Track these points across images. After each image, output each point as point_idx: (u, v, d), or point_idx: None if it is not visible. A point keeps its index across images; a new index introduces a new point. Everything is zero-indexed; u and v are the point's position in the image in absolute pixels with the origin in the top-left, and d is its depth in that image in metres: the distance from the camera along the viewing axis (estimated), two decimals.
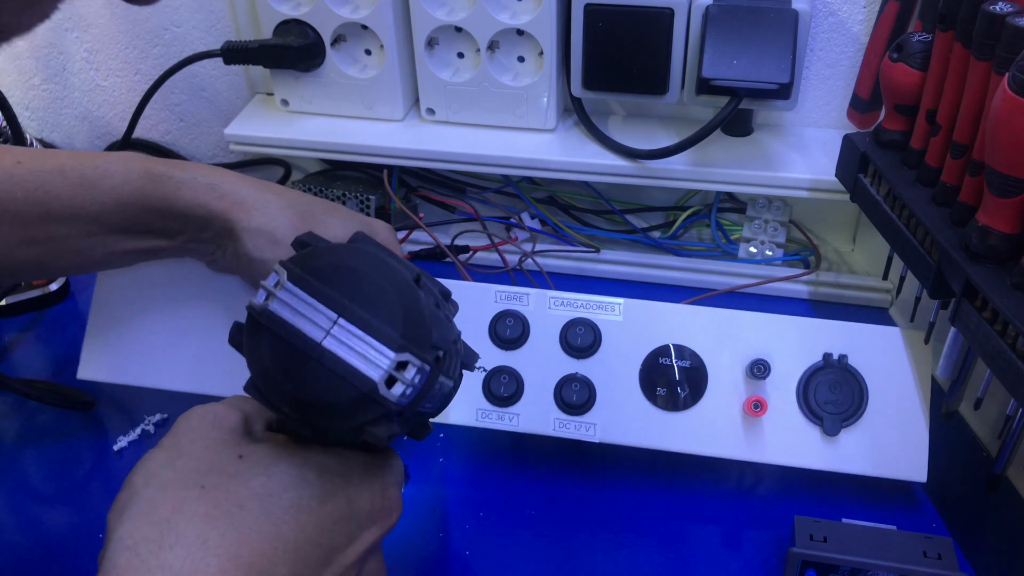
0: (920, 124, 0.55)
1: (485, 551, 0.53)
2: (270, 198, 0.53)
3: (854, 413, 0.55)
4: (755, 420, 0.55)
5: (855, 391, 0.55)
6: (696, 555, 0.53)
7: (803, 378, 0.55)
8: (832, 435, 0.55)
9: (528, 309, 0.58)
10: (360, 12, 0.70)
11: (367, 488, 0.40)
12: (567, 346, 0.57)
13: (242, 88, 0.83)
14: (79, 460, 0.60)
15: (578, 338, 0.57)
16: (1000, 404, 0.57)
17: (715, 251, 0.76)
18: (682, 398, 0.56)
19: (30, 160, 0.52)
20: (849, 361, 0.55)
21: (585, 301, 0.58)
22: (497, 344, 0.58)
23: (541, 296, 0.58)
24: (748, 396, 0.55)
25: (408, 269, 0.36)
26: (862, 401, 0.55)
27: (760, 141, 0.72)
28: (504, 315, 0.58)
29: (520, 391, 0.57)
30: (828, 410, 0.55)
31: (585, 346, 0.57)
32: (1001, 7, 0.45)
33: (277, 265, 0.36)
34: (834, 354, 0.55)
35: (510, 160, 0.71)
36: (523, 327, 0.58)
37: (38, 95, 0.88)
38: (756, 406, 0.54)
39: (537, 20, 0.67)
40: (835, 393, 0.55)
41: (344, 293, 0.35)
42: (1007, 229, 0.46)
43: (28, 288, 0.74)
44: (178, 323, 0.60)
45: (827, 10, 0.68)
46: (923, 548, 0.49)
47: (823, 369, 0.55)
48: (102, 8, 0.82)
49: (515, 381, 0.57)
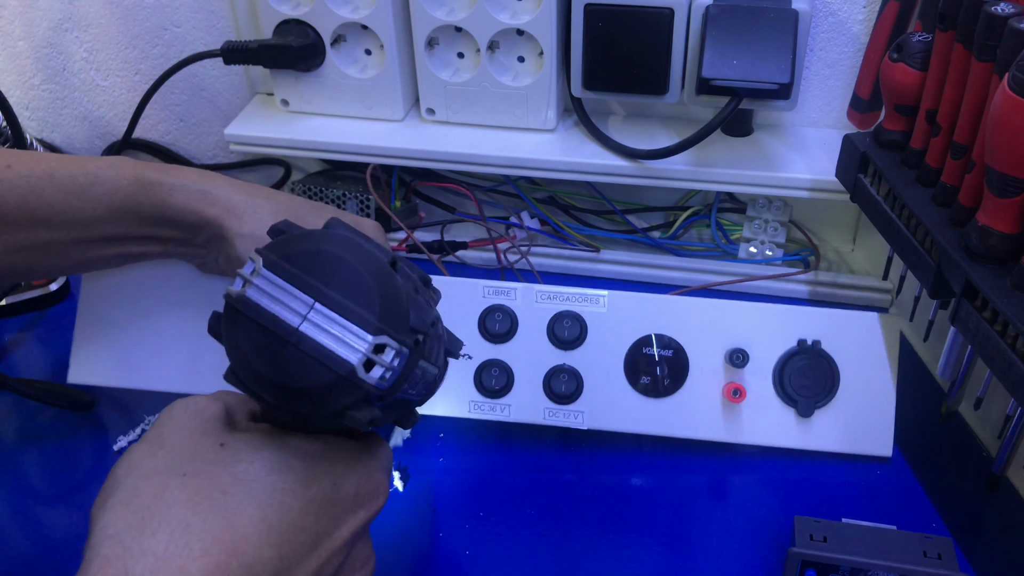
0: (920, 124, 0.55)
1: (485, 551, 0.53)
2: (260, 202, 0.53)
3: (827, 395, 0.58)
4: (734, 405, 0.58)
5: (827, 374, 0.58)
6: (696, 555, 0.53)
7: (779, 363, 0.58)
8: (806, 417, 0.58)
9: (516, 303, 0.60)
10: (360, 12, 0.70)
11: (352, 472, 0.40)
12: (554, 338, 0.59)
13: (242, 88, 0.83)
14: (79, 460, 0.60)
15: (564, 331, 0.59)
16: (1000, 404, 0.57)
17: (715, 251, 0.76)
18: (665, 385, 0.58)
19: (20, 164, 0.51)
20: (822, 346, 0.58)
21: (571, 294, 0.60)
22: (487, 338, 0.59)
23: (528, 290, 0.60)
24: (727, 382, 0.58)
25: (384, 253, 0.36)
26: (834, 384, 0.58)
27: (760, 141, 0.72)
28: (492, 310, 0.60)
29: (510, 383, 0.59)
30: (803, 393, 0.58)
31: (572, 338, 0.59)
32: (1002, 8, 0.45)
33: (253, 252, 0.36)
34: (808, 339, 0.58)
35: (510, 160, 0.71)
36: (511, 321, 0.59)
37: (38, 95, 0.88)
38: (735, 392, 0.57)
39: (537, 20, 0.67)
40: (809, 377, 0.58)
41: (319, 278, 0.35)
42: (1007, 229, 0.46)
43: (28, 288, 0.74)
44: (166, 324, 0.61)
45: (827, 10, 0.68)
46: (923, 548, 0.49)
47: (798, 354, 0.58)
48: (102, 8, 0.82)
49: (505, 374, 0.59)
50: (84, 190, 0.51)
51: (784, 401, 0.58)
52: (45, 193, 0.51)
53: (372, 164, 0.73)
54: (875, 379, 0.58)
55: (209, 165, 0.89)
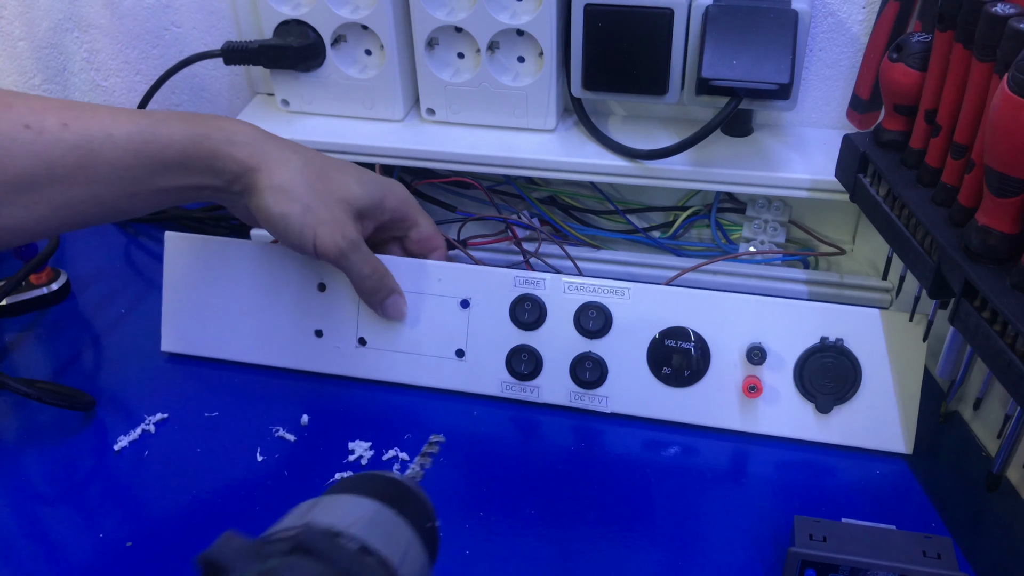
0: (920, 124, 0.55)
1: (485, 551, 0.53)
2: (289, 156, 0.58)
3: (848, 392, 0.58)
4: (752, 400, 0.60)
5: (849, 372, 0.58)
6: (696, 555, 0.53)
7: (800, 359, 0.59)
8: (825, 412, 0.59)
9: (544, 293, 0.62)
10: (360, 12, 0.70)
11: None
12: (580, 328, 0.61)
13: (243, 88, 0.83)
14: (79, 460, 0.61)
15: (590, 321, 0.61)
16: (999, 404, 0.57)
17: (715, 251, 0.76)
18: (685, 376, 0.60)
19: (75, 121, 0.53)
20: (845, 343, 0.58)
21: (597, 286, 0.62)
22: (517, 325, 0.63)
23: (556, 281, 0.62)
24: (746, 376, 0.59)
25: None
26: (856, 381, 0.58)
27: (760, 141, 0.72)
28: (523, 299, 0.62)
29: (539, 368, 0.62)
30: (822, 389, 0.58)
31: (597, 328, 0.61)
32: (1002, 8, 0.45)
33: None
34: (830, 337, 0.58)
35: (510, 160, 0.71)
36: (540, 311, 0.62)
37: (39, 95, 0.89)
38: (752, 388, 0.59)
39: (537, 20, 0.67)
40: (830, 373, 0.58)
41: None
42: (1007, 229, 0.46)
43: (28, 288, 0.74)
44: (241, 298, 0.67)
45: (827, 10, 0.68)
46: (922, 547, 0.49)
47: (820, 351, 0.58)
48: (102, 8, 0.82)
49: (534, 359, 0.62)
50: (140, 148, 0.54)
51: (803, 396, 0.59)
52: (104, 153, 0.54)
53: (378, 165, 0.73)
54: (898, 378, 0.58)
55: None
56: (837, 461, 0.59)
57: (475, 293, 0.63)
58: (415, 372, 0.65)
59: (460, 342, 0.64)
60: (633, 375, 0.61)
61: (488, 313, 0.63)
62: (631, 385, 0.61)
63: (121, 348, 0.70)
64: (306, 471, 0.59)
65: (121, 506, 0.57)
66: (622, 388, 0.61)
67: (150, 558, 0.53)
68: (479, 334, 0.63)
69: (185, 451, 0.61)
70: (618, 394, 0.62)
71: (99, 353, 0.70)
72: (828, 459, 0.59)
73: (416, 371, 0.65)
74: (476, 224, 0.79)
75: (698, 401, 0.61)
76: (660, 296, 0.61)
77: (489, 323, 0.63)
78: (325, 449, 0.60)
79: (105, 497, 0.58)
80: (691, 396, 0.61)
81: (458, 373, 0.64)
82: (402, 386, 0.65)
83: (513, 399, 0.63)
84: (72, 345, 0.71)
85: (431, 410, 0.64)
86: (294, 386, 0.66)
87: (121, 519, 0.56)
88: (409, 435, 0.61)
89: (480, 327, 0.63)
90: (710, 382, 0.60)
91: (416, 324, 0.64)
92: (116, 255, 0.81)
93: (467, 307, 0.63)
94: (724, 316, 0.60)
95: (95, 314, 0.74)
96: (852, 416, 0.59)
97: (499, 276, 0.63)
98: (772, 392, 0.59)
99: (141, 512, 0.57)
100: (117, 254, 0.82)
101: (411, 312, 0.64)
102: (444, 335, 0.64)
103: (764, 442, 0.60)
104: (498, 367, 0.63)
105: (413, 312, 0.64)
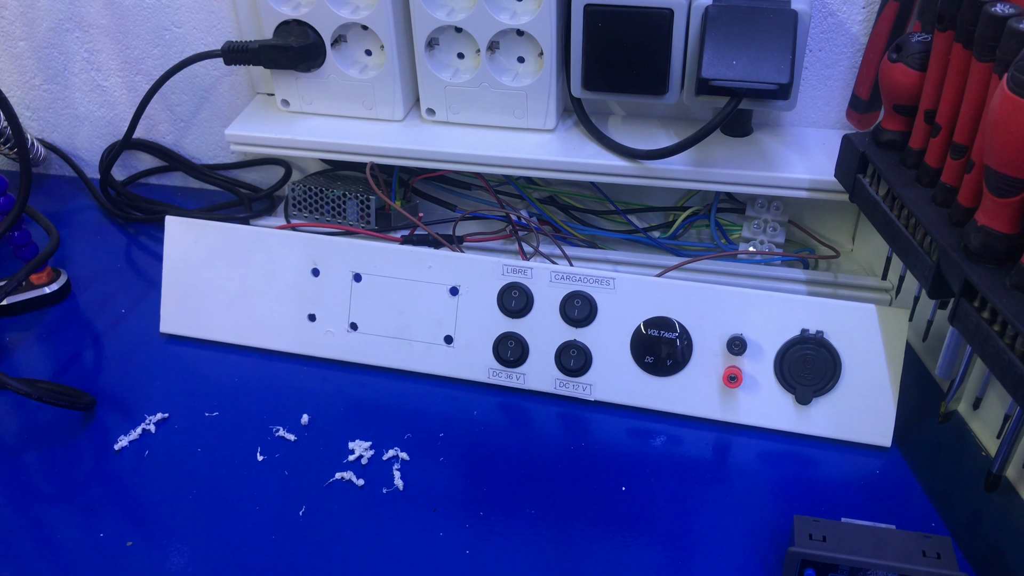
0: (919, 124, 0.55)
1: (485, 551, 0.54)
2: None
3: (827, 384, 0.59)
4: (732, 389, 0.61)
5: (829, 364, 0.59)
6: (695, 555, 0.53)
7: (780, 350, 0.60)
8: (804, 404, 0.59)
9: (531, 282, 0.63)
10: (360, 13, 0.70)
11: None
12: (566, 316, 0.62)
13: (243, 88, 0.83)
14: (79, 460, 0.61)
15: (576, 309, 0.62)
16: (999, 404, 0.57)
17: (714, 251, 0.76)
18: (668, 365, 0.61)
19: None
20: (826, 336, 0.59)
21: (583, 275, 0.62)
22: (505, 313, 0.64)
23: (543, 270, 0.63)
24: (727, 367, 0.60)
25: None
26: (835, 373, 0.59)
27: (759, 141, 0.72)
28: (510, 287, 0.63)
29: (525, 355, 0.63)
30: (802, 381, 0.59)
31: (582, 317, 0.62)
32: (1002, 8, 0.45)
33: None
34: (811, 329, 0.59)
35: (510, 160, 0.71)
36: (527, 299, 0.63)
37: (39, 95, 0.89)
38: (732, 378, 0.59)
39: (537, 20, 0.67)
40: (810, 365, 0.59)
41: None
42: (1006, 229, 0.46)
43: (28, 288, 0.74)
44: (238, 283, 0.68)
45: (826, 10, 0.68)
46: (922, 547, 0.49)
47: (800, 343, 0.59)
48: (102, 8, 0.82)
49: (520, 346, 0.63)
50: None
51: (783, 387, 0.60)
52: None
53: (371, 162, 0.73)
54: (878, 371, 0.58)
55: (210, 165, 0.89)
56: (827, 456, 0.59)
57: (464, 281, 0.64)
58: (405, 357, 0.66)
59: (449, 328, 0.65)
60: (617, 364, 0.62)
61: (476, 301, 0.64)
62: (615, 373, 0.62)
63: (121, 348, 0.70)
64: (306, 471, 0.59)
65: (121, 506, 0.57)
66: (606, 376, 0.62)
67: (150, 558, 0.54)
68: (467, 321, 0.64)
69: (185, 451, 0.61)
70: (602, 382, 0.63)
71: (99, 353, 0.70)
72: (816, 452, 0.59)
73: (406, 356, 0.66)
74: (475, 223, 0.79)
75: (680, 390, 0.61)
76: (644, 287, 0.62)
77: (477, 310, 0.64)
78: (325, 449, 0.60)
79: (105, 497, 0.58)
80: (673, 385, 0.62)
81: (447, 359, 0.65)
82: (392, 371, 0.66)
83: (500, 385, 0.65)
84: (72, 345, 0.71)
85: (421, 397, 0.65)
86: (290, 377, 0.67)
87: (121, 519, 0.56)
88: (409, 435, 0.61)
89: (468, 314, 0.64)
90: (692, 372, 0.61)
91: (406, 310, 0.65)
92: (116, 255, 0.82)
93: (456, 294, 0.64)
94: (707, 307, 0.60)
95: (95, 314, 0.74)
96: (832, 408, 0.59)
97: (487, 264, 0.64)
98: (752, 382, 0.60)
99: (141, 512, 0.57)
100: (117, 254, 0.82)
101: (401, 298, 0.65)
102: (433, 321, 0.65)
103: (746, 433, 0.61)
104: (485, 354, 0.64)
105: (403, 298, 0.65)
